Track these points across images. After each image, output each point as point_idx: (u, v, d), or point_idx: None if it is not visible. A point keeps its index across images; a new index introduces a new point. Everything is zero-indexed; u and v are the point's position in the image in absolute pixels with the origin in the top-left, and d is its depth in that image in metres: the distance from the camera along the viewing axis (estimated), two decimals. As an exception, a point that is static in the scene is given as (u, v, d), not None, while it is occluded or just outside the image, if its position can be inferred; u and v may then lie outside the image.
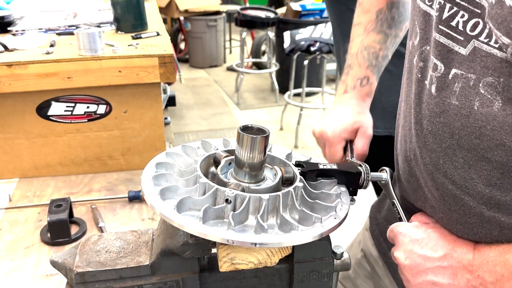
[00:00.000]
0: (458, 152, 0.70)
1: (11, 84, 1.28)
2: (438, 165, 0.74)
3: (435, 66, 0.71)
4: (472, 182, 0.69)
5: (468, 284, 0.70)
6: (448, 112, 0.70)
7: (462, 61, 0.66)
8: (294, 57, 4.19)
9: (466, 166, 0.69)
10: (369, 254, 1.11)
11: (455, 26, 0.66)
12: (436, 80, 0.71)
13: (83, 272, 0.67)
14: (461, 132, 0.68)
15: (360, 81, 1.06)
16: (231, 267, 0.68)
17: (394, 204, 0.84)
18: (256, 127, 0.69)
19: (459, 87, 0.67)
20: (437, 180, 0.75)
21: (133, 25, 1.61)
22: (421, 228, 0.77)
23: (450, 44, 0.68)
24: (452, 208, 0.74)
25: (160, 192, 0.66)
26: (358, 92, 1.05)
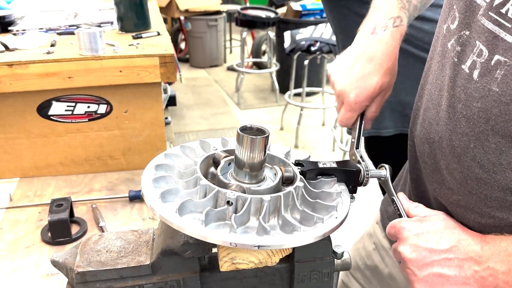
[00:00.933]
0: (491, 137, 0.69)
1: (12, 83, 1.28)
2: (467, 149, 0.73)
3: (480, 52, 0.69)
4: (501, 167, 0.69)
5: (475, 275, 0.70)
6: (487, 97, 0.69)
7: (507, 48, 0.66)
8: (295, 57, 4.19)
9: (498, 152, 0.69)
10: (381, 246, 1.13)
11: (504, 13, 0.66)
12: (480, 65, 0.69)
13: (84, 272, 0.67)
14: (498, 119, 0.68)
15: (393, 21, 0.92)
16: (232, 267, 0.68)
17: (393, 201, 0.84)
18: (255, 127, 0.69)
19: (501, 74, 0.66)
20: (464, 163, 0.74)
21: (136, 24, 1.61)
22: (424, 222, 0.77)
23: (497, 30, 0.67)
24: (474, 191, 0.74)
25: (160, 195, 0.66)
26: (391, 34, 0.91)
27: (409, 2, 0.96)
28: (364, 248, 1.19)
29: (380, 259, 1.12)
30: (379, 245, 1.13)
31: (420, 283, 0.74)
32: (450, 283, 0.72)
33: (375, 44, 0.91)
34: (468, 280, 0.71)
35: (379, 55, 0.90)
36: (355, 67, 0.91)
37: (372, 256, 1.15)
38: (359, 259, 1.21)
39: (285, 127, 4.68)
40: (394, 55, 0.91)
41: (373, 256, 1.15)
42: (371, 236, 1.18)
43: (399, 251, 0.77)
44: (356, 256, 1.22)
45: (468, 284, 0.71)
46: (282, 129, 4.66)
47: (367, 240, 1.20)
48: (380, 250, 1.13)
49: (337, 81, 0.93)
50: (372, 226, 1.20)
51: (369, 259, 1.17)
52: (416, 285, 0.75)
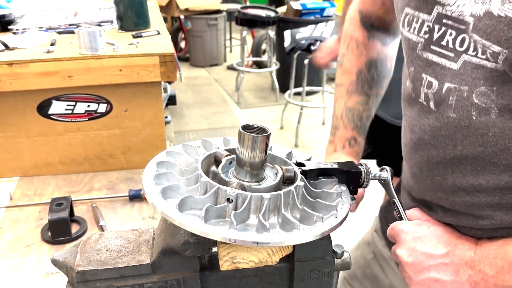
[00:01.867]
0: (464, 161, 0.72)
1: (12, 82, 1.28)
2: (446, 176, 0.76)
3: (429, 84, 0.74)
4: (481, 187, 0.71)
5: (470, 279, 0.71)
6: (448, 125, 0.72)
7: (454, 75, 0.69)
8: (295, 56, 4.19)
9: (475, 173, 0.71)
10: (380, 256, 1.12)
11: (445, 44, 0.70)
12: (433, 96, 0.74)
13: (84, 271, 0.67)
14: (464, 142, 0.71)
15: (349, 142, 1.08)
16: (232, 266, 0.68)
17: (394, 203, 0.84)
18: (257, 126, 0.69)
19: (454, 100, 0.70)
20: (447, 190, 0.77)
21: (136, 23, 1.61)
22: (423, 226, 0.78)
23: (442, 61, 0.71)
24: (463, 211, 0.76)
25: (161, 191, 0.66)
26: (349, 152, 1.07)
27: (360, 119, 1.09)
28: (363, 257, 1.18)
29: (380, 269, 1.11)
30: (378, 255, 1.12)
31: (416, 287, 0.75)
32: (446, 287, 0.72)
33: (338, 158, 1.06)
34: (464, 284, 0.71)
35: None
36: None
37: (371, 265, 1.14)
38: (357, 268, 1.19)
39: (285, 126, 4.68)
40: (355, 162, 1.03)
41: (372, 266, 1.14)
42: (370, 245, 1.17)
43: (397, 254, 0.78)
44: (354, 265, 1.20)
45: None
46: (282, 128, 4.66)
47: (365, 248, 1.19)
48: (379, 259, 1.12)
49: None
50: (370, 234, 1.19)
51: (368, 268, 1.15)
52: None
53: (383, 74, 1.11)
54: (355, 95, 1.09)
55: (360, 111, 1.09)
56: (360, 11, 1.10)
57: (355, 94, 1.09)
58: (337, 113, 1.11)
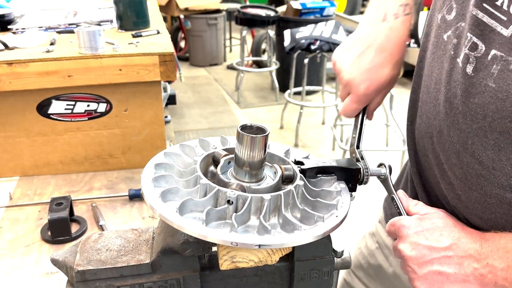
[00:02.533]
0: (490, 134, 0.68)
1: (12, 82, 1.28)
2: (466, 145, 0.72)
3: (474, 45, 0.67)
4: (500, 164, 0.68)
5: (475, 272, 0.70)
6: (483, 93, 0.67)
7: (503, 43, 0.64)
8: (295, 55, 4.18)
9: (496, 148, 0.68)
10: (384, 245, 1.12)
11: (499, 5, 0.64)
12: (475, 60, 0.67)
13: (84, 270, 0.67)
14: (495, 115, 0.66)
15: (404, 8, 0.87)
16: (232, 266, 0.68)
17: (393, 199, 0.84)
18: (255, 126, 0.69)
19: (497, 69, 0.65)
20: (463, 159, 0.74)
21: (136, 23, 1.61)
22: (424, 220, 0.77)
23: (493, 24, 0.65)
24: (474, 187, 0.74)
25: (161, 194, 0.66)
26: (402, 23, 0.86)
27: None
28: (367, 247, 1.19)
29: (384, 258, 1.12)
30: (382, 244, 1.13)
31: (420, 280, 0.74)
32: (450, 280, 0.72)
33: (387, 32, 0.86)
34: (468, 277, 0.71)
35: (391, 45, 0.85)
36: (365, 57, 0.86)
37: (375, 255, 1.15)
38: (362, 258, 1.20)
39: (285, 126, 4.68)
40: (404, 45, 0.87)
41: (376, 255, 1.15)
42: (374, 235, 1.18)
43: (399, 249, 0.77)
44: (359, 255, 1.22)
45: (468, 281, 0.71)
46: (282, 127, 4.66)
47: (369, 239, 1.20)
48: (383, 249, 1.13)
49: (345, 70, 0.87)
50: (374, 225, 1.20)
51: (372, 258, 1.16)
52: (416, 282, 0.75)
53: None
54: None
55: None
56: None
57: None
58: None
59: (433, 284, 0.73)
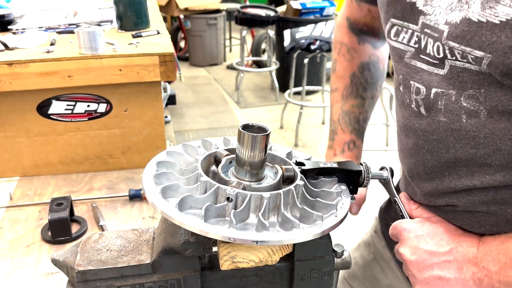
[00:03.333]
0: (459, 163, 0.73)
1: (12, 82, 1.28)
2: (443, 178, 0.76)
3: (417, 90, 0.75)
4: (475, 187, 0.72)
5: (473, 276, 0.71)
6: (439, 129, 0.73)
7: (440, 80, 0.70)
8: (294, 55, 4.19)
9: (470, 174, 0.72)
10: (380, 257, 1.12)
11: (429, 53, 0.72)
12: (422, 102, 0.74)
13: (85, 271, 0.67)
14: (456, 146, 0.71)
15: (348, 145, 1.08)
16: (232, 266, 0.68)
17: (395, 202, 0.85)
18: (257, 125, 0.69)
19: (443, 104, 0.71)
20: (442, 191, 0.77)
21: (136, 23, 1.61)
22: (425, 224, 0.78)
23: (430, 68, 0.72)
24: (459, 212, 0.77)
25: (161, 190, 0.66)
26: (348, 156, 1.07)
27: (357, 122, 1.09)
28: (362, 257, 1.18)
29: (380, 270, 1.11)
30: (378, 256, 1.12)
31: (420, 285, 0.75)
32: (450, 285, 0.72)
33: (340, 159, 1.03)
34: (467, 282, 0.71)
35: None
36: None
37: (371, 266, 1.14)
38: (357, 268, 1.20)
39: (285, 126, 4.68)
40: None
41: (372, 267, 1.14)
42: (369, 246, 1.17)
43: (400, 252, 0.78)
44: (354, 265, 1.20)
45: (468, 286, 0.71)
46: (282, 127, 4.66)
47: (364, 249, 1.19)
48: (379, 260, 1.12)
49: None
50: (370, 235, 1.19)
51: (367, 269, 1.16)
52: (417, 286, 0.76)
53: (377, 76, 1.11)
54: (350, 98, 1.10)
55: (356, 114, 1.09)
56: (348, 18, 1.11)
57: (350, 98, 1.10)
58: (334, 117, 1.12)
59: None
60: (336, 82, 1.13)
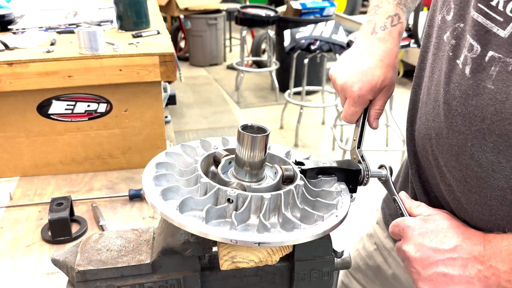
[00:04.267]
0: (488, 136, 0.68)
1: (12, 82, 1.28)
2: (465, 147, 0.72)
3: (470, 47, 0.68)
4: (499, 166, 0.68)
5: (479, 274, 0.70)
6: (482, 95, 0.67)
7: (500, 44, 0.64)
8: (294, 55, 4.19)
9: (496, 151, 0.68)
10: (382, 247, 1.12)
11: (495, 6, 0.64)
12: (472, 61, 0.68)
13: (85, 271, 0.67)
14: (494, 117, 0.66)
15: (391, 19, 0.93)
16: (232, 266, 0.68)
17: (395, 200, 0.84)
18: (256, 126, 0.69)
19: (496, 71, 0.65)
20: (462, 162, 0.74)
21: (136, 23, 1.61)
22: (428, 221, 0.77)
23: (488, 24, 0.65)
24: (473, 189, 0.74)
25: (161, 192, 0.66)
26: (389, 33, 0.92)
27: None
28: (365, 249, 1.19)
29: (383, 260, 1.12)
30: (380, 246, 1.13)
31: (424, 282, 0.74)
32: (455, 282, 0.72)
33: (375, 42, 0.91)
34: (472, 279, 0.71)
35: (380, 52, 0.90)
36: (357, 62, 0.90)
37: (373, 256, 1.15)
38: (360, 259, 1.20)
39: (285, 126, 4.68)
40: (394, 53, 0.91)
41: (375, 257, 1.15)
42: (372, 237, 1.17)
43: (403, 250, 0.77)
44: (357, 257, 1.21)
45: (472, 283, 0.71)
46: (282, 127, 4.66)
47: (367, 240, 1.19)
48: (382, 250, 1.12)
49: (338, 77, 0.92)
50: (372, 226, 1.19)
51: (370, 260, 1.16)
52: (421, 284, 0.75)
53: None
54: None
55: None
56: None
57: None
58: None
59: (437, 286, 0.73)
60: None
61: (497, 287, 0.69)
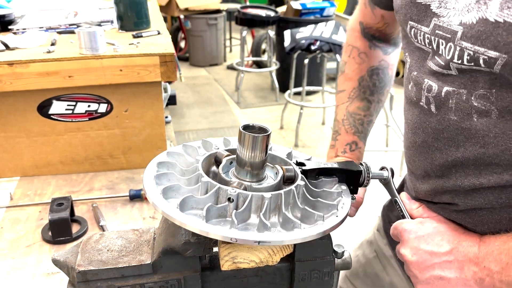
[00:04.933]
0: (466, 162, 0.73)
1: (12, 82, 1.28)
2: (449, 176, 0.77)
3: (429, 87, 0.75)
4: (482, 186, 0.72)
5: (475, 276, 0.71)
6: (449, 127, 0.73)
7: (453, 80, 0.71)
8: (295, 55, 4.19)
9: (477, 172, 0.72)
10: (382, 254, 1.12)
11: (441, 54, 0.72)
12: (433, 99, 0.75)
13: (85, 271, 0.67)
14: (466, 144, 0.72)
15: (350, 146, 1.08)
16: (233, 266, 0.68)
17: (396, 202, 0.85)
18: (257, 126, 0.69)
19: (454, 103, 0.71)
20: (447, 189, 0.78)
21: (136, 23, 1.61)
22: (425, 224, 0.78)
23: (442, 71, 0.73)
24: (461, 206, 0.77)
25: (162, 191, 0.66)
26: (349, 156, 1.07)
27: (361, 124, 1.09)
28: (364, 256, 1.19)
29: (382, 268, 1.12)
30: (380, 253, 1.13)
31: (422, 285, 0.75)
32: (452, 285, 0.73)
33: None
34: (469, 281, 0.71)
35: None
36: None
37: (372, 264, 1.15)
38: (359, 266, 1.20)
39: (285, 126, 4.68)
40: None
41: (373, 264, 1.15)
42: (372, 244, 1.17)
43: (401, 253, 0.78)
44: (356, 263, 1.21)
45: (469, 285, 0.72)
46: (282, 128, 4.66)
47: (367, 247, 1.19)
48: (381, 258, 1.12)
49: None
50: (372, 233, 1.19)
51: (369, 267, 1.16)
52: (419, 287, 0.76)
53: (385, 81, 1.12)
54: (357, 100, 1.10)
55: (361, 116, 1.10)
56: (361, 23, 1.12)
57: (357, 100, 1.10)
58: (339, 117, 1.12)
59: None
60: (344, 84, 1.13)
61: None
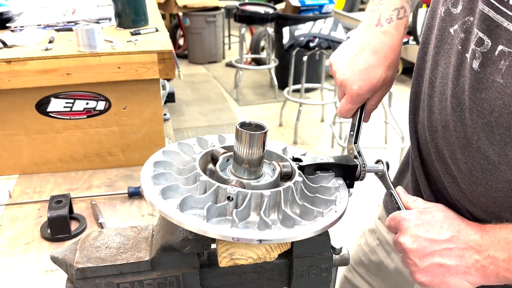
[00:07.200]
0: (496, 129, 0.69)
1: (10, 80, 1.28)
2: (472, 140, 0.72)
3: (480, 41, 0.68)
4: (506, 158, 0.69)
5: (476, 264, 0.70)
6: (491, 89, 0.67)
7: (510, 38, 0.64)
8: (293, 53, 4.18)
9: (503, 143, 0.68)
10: (385, 242, 1.13)
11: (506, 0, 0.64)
12: (481, 55, 0.68)
13: (84, 268, 0.67)
14: (502, 110, 0.67)
15: (397, 12, 0.89)
16: (231, 263, 0.68)
17: (392, 195, 0.85)
18: (254, 123, 0.69)
19: (505, 65, 0.65)
20: (468, 154, 0.74)
21: (134, 21, 1.60)
22: (425, 213, 0.78)
23: (498, 19, 0.65)
24: (479, 181, 0.74)
25: (161, 191, 0.66)
26: (395, 27, 0.88)
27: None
28: (367, 244, 1.20)
29: (385, 255, 1.13)
30: (383, 241, 1.14)
31: (421, 273, 0.75)
32: (451, 272, 0.72)
33: (380, 36, 0.87)
34: (469, 269, 0.71)
35: (384, 48, 0.87)
36: (359, 58, 0.87)
37: (376, 251, 1.16)
38: (362, 254, 1.21)
39: (284, 123, 4.68)
40: (399, 48, 0.89)
41: (377, 252, 1.16)
42: (374, 232, 1.18)
43: (399, 242, 0.77)
44: (359, 252, 1.22)
45: (469, 273, 0.71)
46: (281, 125, 4.66)
47: (369, 236, 1.20)
48: (384, 245, 1.14)
49: (339, 71, 0.89)
50: (374, 222, 1.20)
51: (373, 255, 1.17)
52: (418, 275, 0.75)
53: None
54: None
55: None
56: None
57: None
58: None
59: (434, 277, 0.73)
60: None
61: (495, 276, 0.69)
